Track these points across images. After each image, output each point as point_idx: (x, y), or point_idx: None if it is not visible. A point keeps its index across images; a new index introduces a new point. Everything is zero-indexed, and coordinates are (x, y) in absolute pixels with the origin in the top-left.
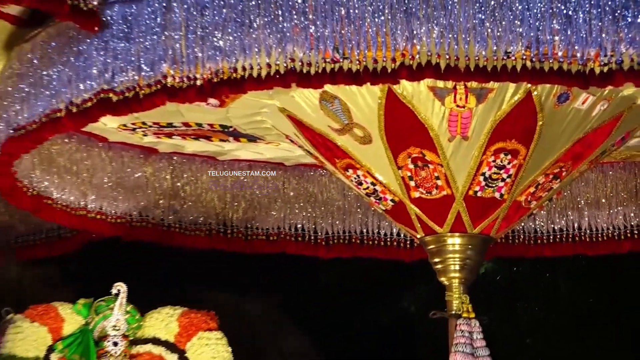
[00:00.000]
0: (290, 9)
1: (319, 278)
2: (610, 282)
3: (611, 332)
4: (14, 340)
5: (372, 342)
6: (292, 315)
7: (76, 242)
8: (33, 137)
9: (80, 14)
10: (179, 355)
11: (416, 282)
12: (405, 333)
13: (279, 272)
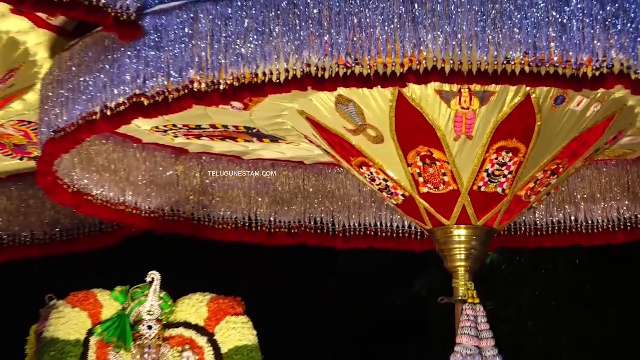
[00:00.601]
0: (307, 18)
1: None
2: (605, 270)
3: (607, 315)
4: (56, 324)
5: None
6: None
7: (117, 236)
8: (71, 138)
9: (122, 24)
10: (208, 337)
11: (426, 269)
12: (417, 315)
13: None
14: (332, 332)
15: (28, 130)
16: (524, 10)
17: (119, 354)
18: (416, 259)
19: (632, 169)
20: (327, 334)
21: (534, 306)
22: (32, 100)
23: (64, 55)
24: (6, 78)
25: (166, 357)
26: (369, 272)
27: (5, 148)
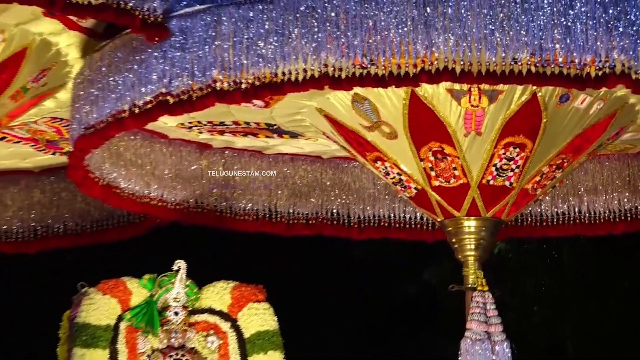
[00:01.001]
0: (325, 21)
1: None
2: (608, 260)
3: (609, 301)
4: (88, 310)
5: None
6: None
7: (143, 227)
8: (101, 135)
9: (150, 26)
10: (232, 323)
11: (437, 259)
12: (429, 303)
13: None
14: (347, 320)
15: (60, 127)
16: (530, 14)
17: (147, 339)
18: (427, 250)
19: (633, 162)
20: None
21: (539, 294)
22: (64, 99)
23: (95, 56)
24: (39, 77)
25: (192, 342)
26: (382, 263)
27: (39, 144)
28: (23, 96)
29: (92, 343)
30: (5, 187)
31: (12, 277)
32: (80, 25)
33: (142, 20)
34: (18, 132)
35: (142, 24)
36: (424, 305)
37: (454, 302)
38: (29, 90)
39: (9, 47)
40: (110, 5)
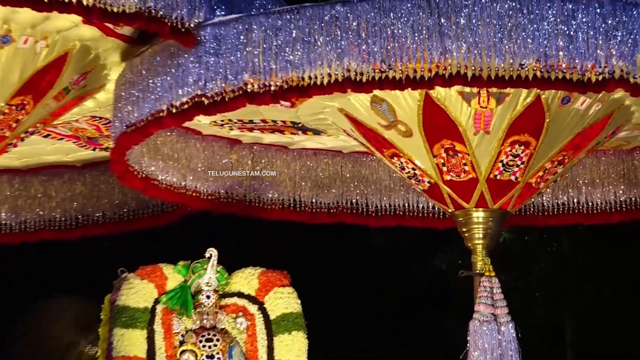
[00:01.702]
0: (347, 30)
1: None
2: (604, 249)
3: (605, 286)
4: (127, 294)
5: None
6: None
7: (176, 215)
8: (141, 132)
9: (178, 33)
10: (259, 306)
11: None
12: (440, 287)
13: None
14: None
15: (99, 125)
16: (536, 24)
17: (181, 320)
18: (437, 238)
19: (628, 158)
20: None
21: (541, 280)
22: (103, 99)
23: (135, 60)
24: (80, 80)
25: (222, 323)
26: (397, 251)
27: (80, 140)
28: (65, 97)
29: (131, 324)
30: (50, 180)
31: (55, 262)
32: (116, 32)
33: (171, 28)
34: (61, 129)
35: (171, 31)
36: (435, 289)
37: (462, 287)
38: (70, 91)
39: (52, 52)
40: (142, 14)
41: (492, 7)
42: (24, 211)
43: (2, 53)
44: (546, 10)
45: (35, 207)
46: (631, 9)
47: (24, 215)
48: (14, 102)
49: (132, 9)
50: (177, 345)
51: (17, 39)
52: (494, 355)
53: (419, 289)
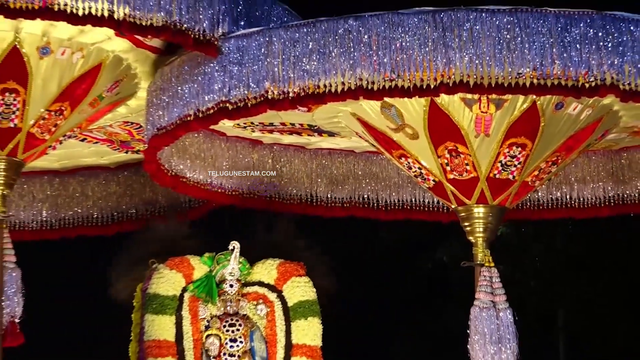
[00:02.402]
0: (359, 42)
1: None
2: (594, 241)
3: (597, 275)
4: (157, 283)
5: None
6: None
7: (203, 210)
8: (171, 135)
9: (200, 44)
10: (278, 294)
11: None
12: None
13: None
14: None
15: (131, 129)
16: (532, 36)
17: (207, 307)
18: (440, 231)
19: (616, 157)
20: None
21: (536, 270)
22: (134, 106)
23: (165, 69)
24: (113, 87)
25: (244, 309)
26: (405, 243)
27: (114, 144)
28: (99, 103)
29: (161, 310)
30: (86, 180)
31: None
32: (145, 43)
33: (194, 39)
34: (96, 134)
35: (194, 43)
36: (438, 278)
37: (463, 276)
38: (104, 98)
39: (87, 63)
40: (168, 27)
41: (491, 21)
42: (63, 209)
43: (42, 63)
44: (541, 24)
45: (73, 206)
46: (619, 22)
47: (63, 213)
48: (53, 108)
49: (159, 22)
50: (202, 330)
51: (56, 50)
52: (492, 339)
53: (422, 279)
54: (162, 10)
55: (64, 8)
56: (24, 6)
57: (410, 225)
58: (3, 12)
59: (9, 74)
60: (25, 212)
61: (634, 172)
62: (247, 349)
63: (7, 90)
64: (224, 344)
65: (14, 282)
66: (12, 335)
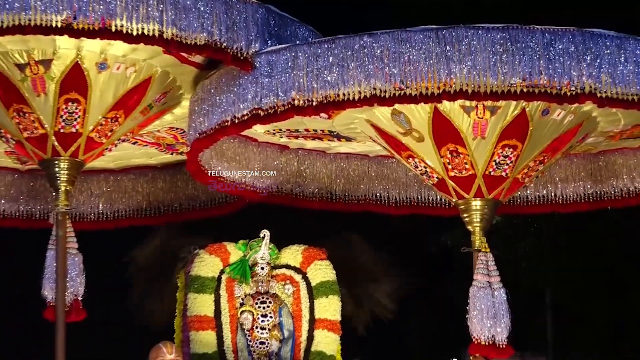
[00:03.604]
0: (373, 56)
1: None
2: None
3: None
4: (198, 266)
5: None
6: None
7: (237, 206)
8: (210, 138)
9: (238, 60)
10: (302, 275)
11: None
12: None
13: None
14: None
15: (176, 134)
16: (522, 50)
17: (241, 287)
18: (444, 221)
19: (594, 160)
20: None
21: (526, 254)
22: (179, 113)
23: (206, 82)
24: (161, 98)
25: (273, 289)
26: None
27: (161, 146)
28: (149, 112)
29: (202, 289)
30: (137, 178)
31: None
32: (189, 60)
33: (233, 56)
34: (146, 138)
35: (232, 59)
36: (442, 260)
37: (464, 259)
38: (153, 107)
39: (138, 76)
40: (209, 45)
41: (487, 37)
42: (117, 203)
43: (99, 77)
44: (529, 39)
45: (125, 200)
46: (597, 38)
47: (117, 206)
48: (109, 116)
49: (202, 41)
50: (238, 307)
51: (112, 65)
52: (489, 314)
53: (430, 260)
54: (204, 31)
55: (120, 29)
56: (85, 27)
57: (418, 215)
58: (68, 32)
59: (71, 86)
60: (84, 205)
61: (609, 172)
62: (276, 323)
63: (70, 100)
64: (257, 318)
65: (77, 266)
66: (76, 311)
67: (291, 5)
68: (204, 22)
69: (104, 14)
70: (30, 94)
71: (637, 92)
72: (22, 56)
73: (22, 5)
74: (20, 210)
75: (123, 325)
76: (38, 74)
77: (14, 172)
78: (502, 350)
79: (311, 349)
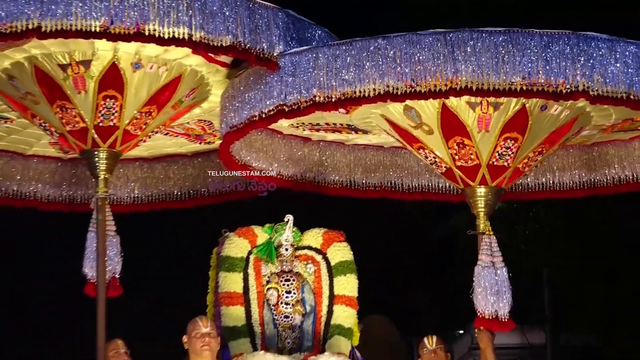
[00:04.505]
0: (386, 57)
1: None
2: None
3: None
4: (228, 247)
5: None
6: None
7: (260, 191)
8: (240, 131)
9: (260, 60)
10: (323, 256)
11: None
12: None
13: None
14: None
15: (204, 125)
16: (522, 52)
17: (267, 266)
18: (453, 205)
19: (589, 151)
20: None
21: (526, 237)
22: (206, 107)
23: (235, 80)
24: (190, 94)
25: (297, 268)
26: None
27: (190, 137)
28: (179, 106)
29: (232, 268)
30: (169, 165)
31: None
32: (216, 59)
33: (256, 56)
34: (177, 129)
35: (256, 59)
36: (450, 242)
37: (470, 241)
38: (183, 102)
39: (170, 75)
40: (235, 47)
41: (490, 40)
42: (151, 188)
43: (135, 76)
44: (529, 42)
45: (159, 185)
46: (590, 41)
47: (150, 191)
48: (143, 110)
49: (228, 43)
50: (264, 284)
51: (145, 65)
52: (492, 291)
53: (439, 242)
54: (229, 33)
55: (152, 33)
56: (121, 31)
57: (429, 201)
58: (105, 36)
59: (109, 84)
60: (120, 190)
61: (602, 162)
62: (299, 299)
63: (108, 97)
64: (281, 294)
65: (115, 246)
66: (113, 288)
67: (304, 7)
68: (229, 26)
69: (138, 20)
70: (72, 91)
71: (625, 90)
72: (64, 57)
73: (65, 12)
74: (63, 196)
75: (161, 302)
76: (79, 74)
77: (58, 161)
78: (504, 323)
79: (331, 322)
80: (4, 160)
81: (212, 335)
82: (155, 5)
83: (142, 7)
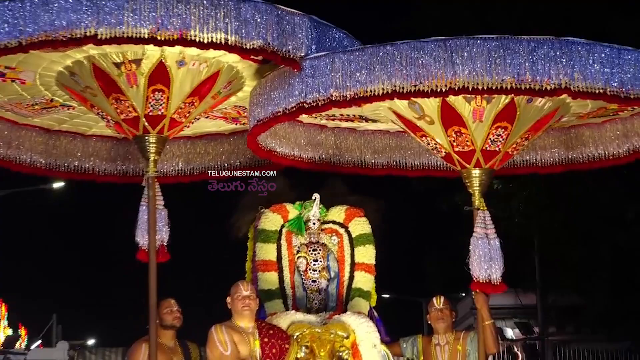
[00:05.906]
0: (394, 61)
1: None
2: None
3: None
4: (264, 221)
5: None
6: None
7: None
8: (266, 125)
9: (286, 60)
10: (345, 229)
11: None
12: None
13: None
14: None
15: (239, 110)
16: (511, 55)
17: (297, 238)
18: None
19: (567, 132)
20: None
21: (517, 210)
22: (241, 96)
23: (262, 80)
24: (227, 86)
25: (323, 240)
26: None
27: (227, 119)
28: (218, 97)
29: (267, 240)
30: (208, 142)
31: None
32: (252, 58)
33: (282, 57)
34: (216, 113)
35: (282, 59)
36: (452, 216)
37: (469, 216)
38: (221, 93)
39: (209, 70)
40: (264, 49)
41: (484, 46)
42: (192, 162)
43: (179, 71)
44: (517, 46)
45: (199, 159)
46: (571, 44)
47: (192, 165)
48: (187, 101)
49: (258, 46)
50: (295, 253)
51: (188, 62)
52: (485, 259)
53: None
54: (260, 38)
55: (194, 38)
56: (166, 37)
57: (433, 179)
58: (153, 42)
59: (157, 79)
60: (167, 164)
61: (579, 142)
62: (325, 266)
63: (156, 90)
64: (309, 262)
65: (163, 218)
66: (162, 254)
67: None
68: (259, 31)
69: (181, 27)
70: (125, 85)
71: (602, 87)
72: (118, 57)
73: (117, 21)
74: (117, 169)
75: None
76: (131, 70)
77: (113, 139)
78: (496, 286)
79: (352, 286)
80: (68, 140)
81: (252, 298)
82: (196, 14)
83: (184, 17)
